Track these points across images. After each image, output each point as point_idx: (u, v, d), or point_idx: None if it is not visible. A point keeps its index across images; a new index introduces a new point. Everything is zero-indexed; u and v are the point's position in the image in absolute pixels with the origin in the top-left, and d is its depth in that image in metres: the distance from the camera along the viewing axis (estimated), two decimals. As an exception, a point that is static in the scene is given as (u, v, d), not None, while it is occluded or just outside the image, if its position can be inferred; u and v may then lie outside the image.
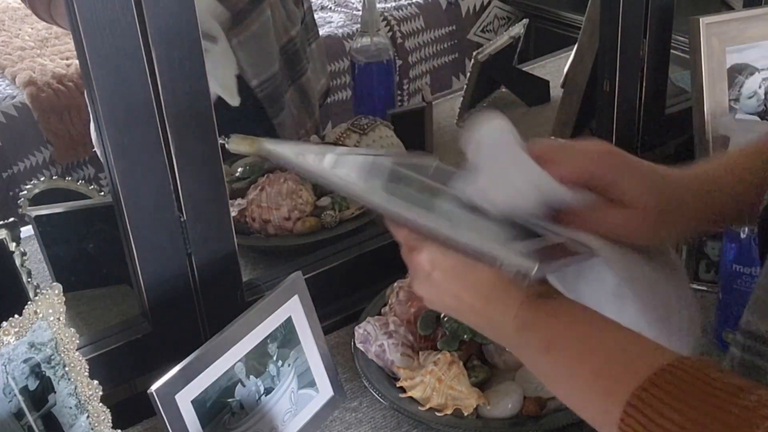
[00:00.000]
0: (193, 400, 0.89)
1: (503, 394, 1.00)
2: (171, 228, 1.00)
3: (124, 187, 0.95)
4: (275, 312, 0.98)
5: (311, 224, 1.30)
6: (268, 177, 1.32)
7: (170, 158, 0.96)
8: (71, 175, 2.27)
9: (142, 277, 1.01)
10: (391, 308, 1.12)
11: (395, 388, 1.02)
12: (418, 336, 1.07)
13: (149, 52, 0.91)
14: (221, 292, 1.08)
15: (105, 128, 0.92)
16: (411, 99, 2.80)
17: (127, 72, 0.90)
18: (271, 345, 0.98)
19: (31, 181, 1.24)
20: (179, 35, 0.92)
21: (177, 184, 0.98)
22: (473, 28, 2.96)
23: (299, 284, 1.02)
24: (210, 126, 0.98)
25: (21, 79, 2.32)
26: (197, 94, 0.96)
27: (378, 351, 1.07)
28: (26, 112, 2.26)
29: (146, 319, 1.05)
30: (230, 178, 1.38)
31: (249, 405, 0.96)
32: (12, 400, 0.83)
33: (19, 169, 2.22)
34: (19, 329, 0.83)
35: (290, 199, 1.29)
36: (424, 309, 1.09)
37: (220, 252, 1.05)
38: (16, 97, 2.29)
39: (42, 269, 1.19)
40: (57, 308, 0.86)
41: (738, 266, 1.03)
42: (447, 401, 0.99)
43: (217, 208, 1.03)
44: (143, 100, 0.92)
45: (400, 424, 1.03)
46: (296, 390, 1.01)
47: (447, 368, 0.99)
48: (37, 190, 1.22)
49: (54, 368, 0.86)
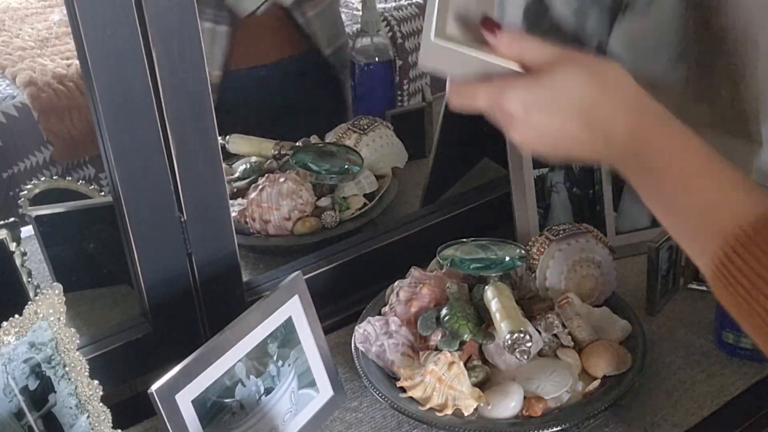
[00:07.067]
0: (193, 400, 0.89)
1: (503, 394, 1.00)
2: (171, 228, 1.00)
3: (124, 187, 0.95)
4: (275, 312, 0.98)
5: (311, 224, 1.30)
6: (268, 177, 1.32)
7: (170, 158, 0.96)
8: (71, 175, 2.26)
9: (142, 277, 1.01)
10: (391, 308, 1.12)
11: (395, 388, 1.02)
12: (418, 336, 1.07)
13: (149, 52, 0.91)
14: (221, 292, 1.08)
15: (105, 128, 0.92)
16: (411, 99, 2.80)
17: (127, 72, 0.90)
18: (271, 345, 0.98)
19: (31, 181, 1.24)
20: (180, 35, 0.92)
21: (177, 184, 0.98)
22: (473, 28, 2.95)
23: (299, 284, 1.02)
24: (210, 126, 0.98)
25: (21, 79, 2.32)
26: (197, 94, 0.96)
27: (378, 351, 1.07)
28: (26, 112, 2.26)
29: (146, 319, 1.05)
30: (230, 178, 1.38)
31: (249, 405, 0.96)
32: (12, 400, 0.83)
33: (19, 169, 2.22)
34: (20, 329, 0.83)
35: (290, 199, 1.29)
36: (424, 309, 1.09)
37: (220, 252, 1.06)
38: (17, 97, 2.29)
39: (42, 269, 1.19)
40: (57, 308, 0.86)
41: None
42: (447, 401, 0.99)
43: (217, 208, 1.03)
44: (143, 100, 0.92)
45: (400, 424, 1.03)
46: (296, 390, 1.01)
47: (447, 368, 0.99)
48: (37, 190, 1.22)
49: (54, 368, 0.86)
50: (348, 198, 1.34)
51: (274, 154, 1.41)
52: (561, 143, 0.71)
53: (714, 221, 0.66)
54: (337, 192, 1.35)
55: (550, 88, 0.69)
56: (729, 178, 0.67)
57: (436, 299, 1.10)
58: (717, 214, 0.66)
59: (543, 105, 0.69)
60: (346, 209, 1.33)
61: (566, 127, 0.70)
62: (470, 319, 1.05)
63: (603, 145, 0.70)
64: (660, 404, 1.03)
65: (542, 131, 0.71)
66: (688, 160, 0.68)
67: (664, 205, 0.70)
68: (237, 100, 1.56)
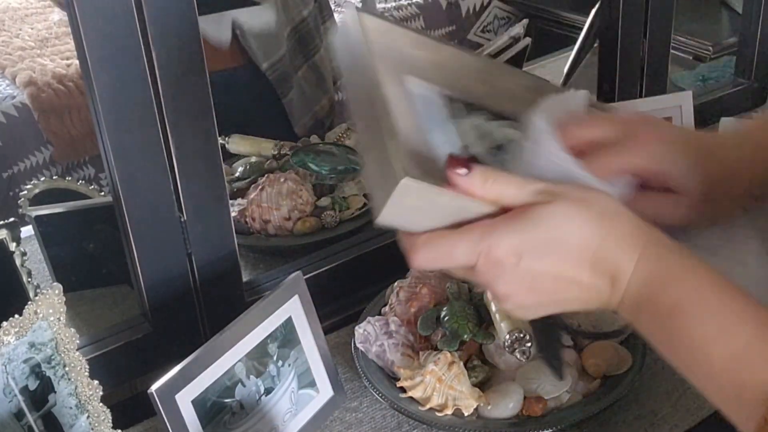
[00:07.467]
0: (193, 400, 0.89)
1: (503, 394, 1.00)
2: (171, 228, 1.00)
3: (124, 187, 0.95)
4: (275, 312, 0.98)
5: (311, 224, 1.30)
6: (268, 177, 1.32)
7: (170, 158, 0.96)
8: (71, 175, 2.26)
9: (142, 277, 1.01)
10: (391, 308, 1.12)
11: (395, 388, 1.02)
12: (418, 336, 1.07)
13: (149, 52, 0.91)
14: (221, 292, 1.08)
15: (105, 128, 0.92)
16: (411, 99, 2.80)
17: (127, 72, 0.90)
18: (271, 345, 0.98)
19: (31, 181, 1.24)
20: (180, 35, 0.92)
21: (177, 184, 0.98)
22: (473, 28, 2.96)
23: (299, 284, 1.02)
24: (210, 126, 0.98)
25: (21, 79, 2.32)
26: (197, 94, 0.96)
27: (378, 351, 1.07)
28: (26, 112, 2.26)
29: (146, 319, 1.05)
30: (230, 178, 1.38)
31: (249, 405, 0.96)
32: (12, 400, 0.83)
33: (19, 169, 2.22)
34: (20, 329, 0.83)
35: (290, 199, 1.29)
36: (424, 309, 1.09)
37: (220, 252, 1.05)
38: (16, 97, 2.29)
39: (42, 269, 1.19)
40: (57, 308, 0.86)
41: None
42: (447, 401, 0.99)
43: (217, 208, 1.03)
44: (143, 100, 0.92)
45: (400, 424, 1.03)
46: (296, 390, 1.01)
47: (447, 368, 0.99)
48: (37, 190, 1.22)
49: (54, 368, 0.86)
50: (348, 198, 1.34)
51: (274, 154, 1.41)
52: (557, 291, 0.62)
53: (758, 372, 0.55)
54: (337, 192, 1.35)
55: (544, 228, 0.60)
56: (765, 319, 0.57)
57: (436, 299, 1.10)
58: (759, 365, 0.55)
59: (539, 248, 0.60)
60: (346, 209, 1.33)
61: (566, 272, 0.61)
62: (470, 319, 1.05)
63: (608, 288, 0.62)
64: (660, 404, 1.03)
65: (536, 279, 0.61)
66: (709, 294, 0.59)
67: (687, 354, 0.59)
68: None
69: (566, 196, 0.61)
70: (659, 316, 0.60)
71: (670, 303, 0.59)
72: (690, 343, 0.58)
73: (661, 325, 0.60)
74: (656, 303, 0.60)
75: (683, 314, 0.58)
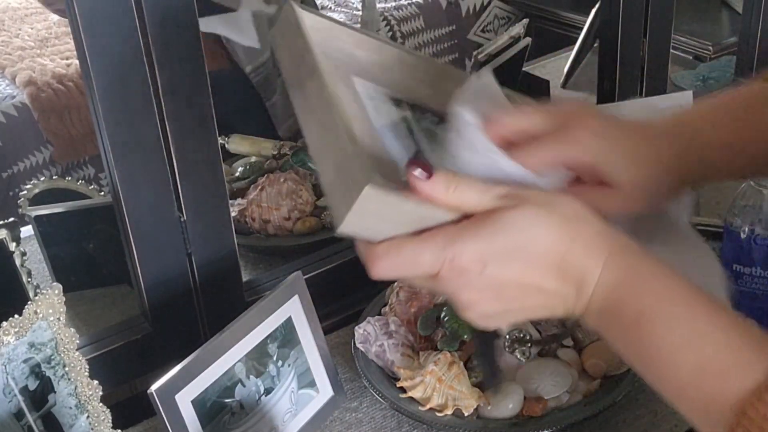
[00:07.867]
0: (193, 400, 0.89)
1: (503, 394, 0.99)
2: (171, 228, 1.00)
3: (124, 187, 0.95)
4: (275, 312, 0.98)
5: (311, 224, 1.30)
6: (268, 177, 1.32)
7: (170, 158, 0.96)
8: (71, 175, 2.26)
9: (142, 277, 1.01)
10: (391, 308, 1.12)
11: (395, 388, 1.02)
12: (418, 336, 1.07)
13: (149, 52, 0.91)
14: (221, 292, 1.08)
15: (105, 128, 0.92)
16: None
17: (127, 71, 0.90)
18: (271, 345, 0.98)
19: (31, 181, 1.24)
20: (180, 34, 0.92)
21: (177, 184, 0.98)
22: (473, 28, 2.96)
23: (299, 284, 1.02)
24: (210, 126, 0.98)
25: (21, 79, 2.32)
26: (197, 94, 0.96)
27: (378, 351, 1.06)
28: (26, 112, 2.26)
29: (146, 319, 1.05)
30: (230, 178, 1.38)
31: (249, 405, 0.96)
32: (12, 400, 0.83)
33: (19, 169, 2.22)
34: (19, 329, 0.83)
35: (290, 199, 1.29)
36: (424, 309, 1.09)
37: (220, 252, 1.05)
38: (16, 97, 2.29)
39: (42, 269, 1.19)
40: (57, 308, 0.86)
41: (738, 266, 1.03)
42: (447, 401, 0.99)
43: (217, 208, 1.03)
44: (143, 100, 0.92)
45: (400, 425, 1.03)
46: (296, 390, 1.01)
47: (447, 368, 0.99)
48: (37, 190, 1.22)
49: (54, 368, 0.86)
50: (348, 198, 1.34)
51: (274, 154, 1.41)
52: (523, 298, 0.60)
53: (726, 381, 0.54)
54: (337, 192, 1.35)
55: (510, 234, 0.58)
56: (732, 326, 0.56)
57: (436, 299, 1.10)
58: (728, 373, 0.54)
59: (504, 255, 0.58)
60: (346, 209, 1.33)
61: (532, 279, 0.59)
62: (470, 319, 1.04)
63: (574, 294, 0.60)
64: (660, 404, 1.03)
65: (501, 287, 0.60)
66: (676, 301, 0.57)
67: (653, 363, 0.59)
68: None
69: (530, 200, 0.60)
70: (625, 323, 0.59)
71: (636, 310, 0.58)
72: (656, 352, 0.58)
73: (627, 332, 0.59)
74: (622, 310, 0.59)
75: (649, 322, 0.57)
